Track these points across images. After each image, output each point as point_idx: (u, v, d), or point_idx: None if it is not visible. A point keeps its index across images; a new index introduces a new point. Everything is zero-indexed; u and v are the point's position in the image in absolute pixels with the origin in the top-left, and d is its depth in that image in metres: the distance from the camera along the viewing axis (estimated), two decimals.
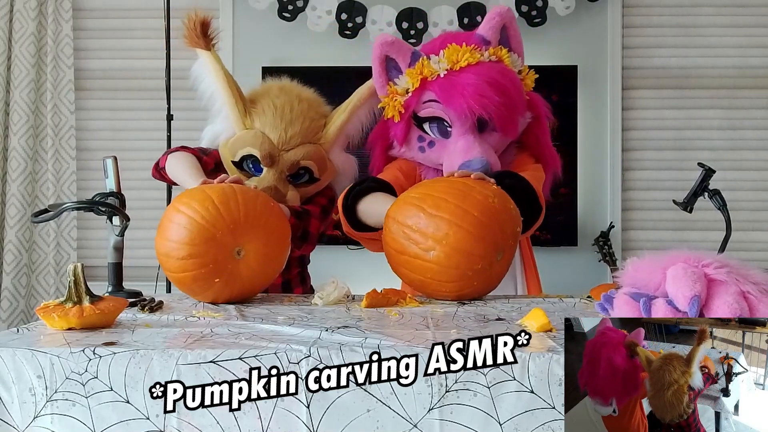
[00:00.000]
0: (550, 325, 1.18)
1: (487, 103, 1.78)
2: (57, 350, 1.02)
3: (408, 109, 1.87)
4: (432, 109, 1.85)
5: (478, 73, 1.81)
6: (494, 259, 1.54)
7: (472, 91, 1.78)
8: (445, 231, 1.49)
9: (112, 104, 3.51)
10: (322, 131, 1.89)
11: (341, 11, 3.27)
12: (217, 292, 1.49)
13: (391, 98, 1.89)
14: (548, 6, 3.28)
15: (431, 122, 1.87)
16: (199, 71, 1.91)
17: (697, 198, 1.94)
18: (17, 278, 3.42)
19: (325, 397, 1.00)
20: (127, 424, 1.00)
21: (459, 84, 1.80)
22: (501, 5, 1.96)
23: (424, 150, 1.90)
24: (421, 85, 1.85)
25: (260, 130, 1.83)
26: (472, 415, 0.99)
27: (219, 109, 1.88)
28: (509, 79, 1.85)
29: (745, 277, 1.04)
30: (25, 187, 3.42)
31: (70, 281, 1.23)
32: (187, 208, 1.47)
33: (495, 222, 1.54)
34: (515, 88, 1.86)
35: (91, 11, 3.52)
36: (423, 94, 1.85)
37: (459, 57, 1.83)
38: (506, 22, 1.91)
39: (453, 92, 1.80)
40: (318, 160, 1.86)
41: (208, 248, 1.44)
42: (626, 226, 3.44)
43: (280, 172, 1.83)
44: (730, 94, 3.44)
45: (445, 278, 1.53)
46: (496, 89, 1.79)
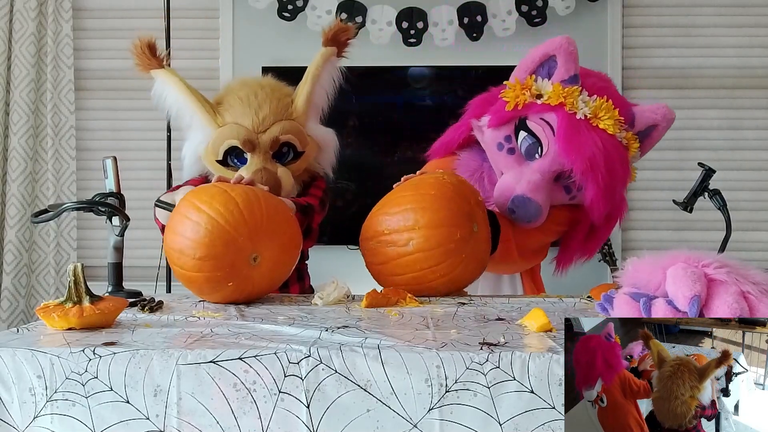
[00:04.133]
0: (550, 325, 1.18)
1: (589, 170, 1.73)
2: (57, 350, 1.02)
3: (524, 110, 1.81)
4: (542, 130, 1.79)
5: (605, 143, 1.74)
6: (471, 229, 1.59)
7: (587, 151, 1.72)
8: (413, 218, 1.57)
9: (112, 104, 3.51)
10: (291, 107, 1.90)
11: (341, 11, 3.27)
12: (227, 294, 1.48)
13: (523, 89, 1.81)
14: (548, 6, 3.28)
15: (529, 136, 1.81)
16: (159, 90, 1.91)
17: (697, 198, 1.94)
18: (17, 278, 3.42)
19: (325, 397, 1.00)
20: (127, 424, 1.00)
21: (584, 135, 1.74)
22: (669, 110, 1.91)
23: (501, 148, 1.83)
24: (556, 105, 1.77)
25: (233, 122, 1.84)
26: (472, 415, 0.99)
27: (189, 122, 1.89)
28: (623, 171, 1.79)
29: (745, 277, 1.04)
30: (25, 187, 3.43)
31: (70, 281, 1.23)
32: (209, 207, 1.43)
33: (454, 193, 1.61)
34: (623, 178, 1.81)
35: (91, 11, 3.52)
36: (548, 113, 1.78)
37: (603, 117, 1.76)
38: (661, 125, 1.89)
39: (572, 138, 1.74)
40: (296, 134, 1.87)
41: (226, 251, 1.41)
42: (626, 226, 3.44)
43: (264, 153, 1.83)
44: (730, 94, 3.44)
45: (433, 261, 1.56)
46: (609, 168, 1.74)
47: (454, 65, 3.33)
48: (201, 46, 3.47)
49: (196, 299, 1.57)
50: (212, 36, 3.46)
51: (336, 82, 1.96)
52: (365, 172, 3.34)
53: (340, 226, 2.91)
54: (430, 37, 3.32)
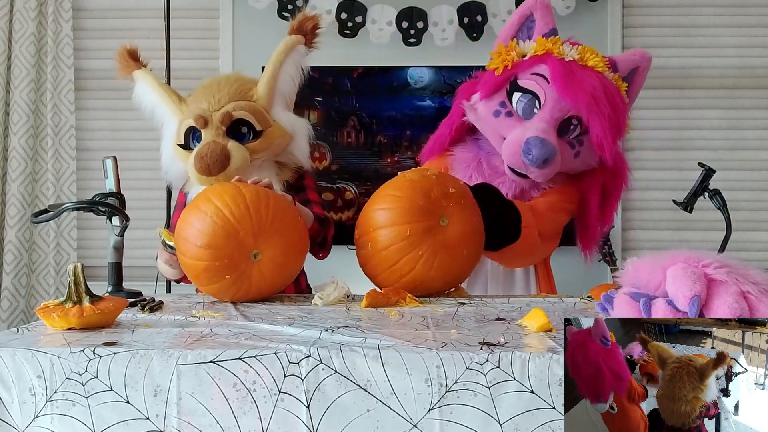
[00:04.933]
0: (550, 325, 1.18)
1: (592, 104, 1.74)
2: (57, 350, 1.02)
3: (513, 69, 1.83)
4: (535, 83, 1.81)
5: (599, 77, 1.79)
6: (437, 223, 1.58)
7: (587, 87, 1.75)
8: (373, 219, 1.62)
9: (112, 104, 3.50)
10: (252, 91, 1.90)
11: (341, 11, 3.27)
12: (223, 287, 1.49)
13: (507, 51, 1.85)
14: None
15: (524, 95, 1.82)
16: (139, 92, 1.98)
17: (697, 198, 1.94)
18: (17, 278, 3.42)
19: (325, 397, 1.00)
20: (127, 424, 1.00)
21: (578, 74, 1.77)
22: (645, 51, 1.97)
23: (498, 114, 1.84)
24: (542, 56, 1.81)
25: (194, 106, 1.87)
26: (472, 415, 0.99)
27: (161, 119, 1.93)
28: (622, 103, 1.82)
29: (745, 277, 1.04)
30: (25, 187, 3.42)
31: (70, 281, 1.23)
32: (218, 200, 1.48)
33: (410, 189, 1.61)
34: (623, 115, 1.83)
35: (91, 11, 3.52)
36: (537, 65, 1.82)
37: (589, 57, 1.82)
38: (641, 66, 1.91)
39: (567, 77, 1.76)
40: (253, 112, 1.85)
41: (227, 243, 1.45)
42: (626, 226, 3.44)
43: (216, 128, 1.82)
44: (730, 94, 3.44)
45: (390, 261, 1.59)
46: (610, 101, 1.76)
47: (454, 65, 3.33)
48: (201, 46, 3.47)
49: (197, 299, 1.57)
50: (212, 36, 3.46)
51: (304, 72, 1.94)
52: (365, 172, 3.34)
53: (339, 227, 2.91)
54: (430, 37, 3.32)
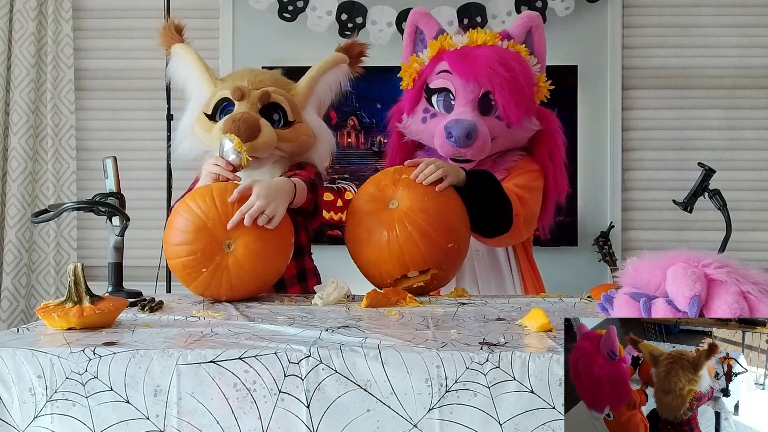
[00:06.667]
0: (550, 325, 1.18)
1: (492, 75, 1.83)
2: (57, 350, 1.02)
3: (421, 78, 1.95)
4: (442, 80, 1.92)
5: (492, 50, 1.89)
6: (385, 206, 1.65)
7: (483, 62, 1.85)
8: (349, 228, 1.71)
9: (112, 104, 3.51)
10: (291, 86, 1.92)
11: (341, 11, 3.27)
12: (205, 283, 1.50)
13: (410, 65, 1.98)
14: (548, 6, 3.28)
15: (439, 94, 1.93)
16: (174, 64, 2.00)
17: (697, 198, 1.94)
18: (17, 278, 3.42)
19: (325, 397, 1.00)
20: (127, 424, 1.00)
21: (472, 55, 1.88)
22: (530, 11, 2.06)
23: (425, 121, 1.95)
24: (438, 55, 1.93)
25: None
26: (472, 415, 0.99)
27: (192, 89, 1.95)
28: (521, 65, 1.90)
29: (745, 277, 1.04)
30: (25, 187, 3.43)
31: (70, 281, 1.23)
32: (191, 200, 1.55)
33: (367, 185, 1.74)
34: (525, 75, 1.89)
35: (91, 11, 3.52)
36: (438, 64, 1.93)
37: (478, 36, 1.92)
38: (533, 26, 1.98)
39: (464, 61, 1.87)
40: (289, 102, 1.85)
41: (198, 236, 1.49)
42: (626, 226, 3.44)
43: (252, 104, 1.80)
44: (730, 94, 3.44)
45: (356, 251, 1.67)
46: (506, 67, 1.85)
47: None
48: (201, 46, 3.42)
49: (197, 299, 1.57)
50: (212, 36, 3.46)
51: (342, 87, 1.97)
52: (365, 172, 3.34)
53: (340, 227, 2.91)
54: None
